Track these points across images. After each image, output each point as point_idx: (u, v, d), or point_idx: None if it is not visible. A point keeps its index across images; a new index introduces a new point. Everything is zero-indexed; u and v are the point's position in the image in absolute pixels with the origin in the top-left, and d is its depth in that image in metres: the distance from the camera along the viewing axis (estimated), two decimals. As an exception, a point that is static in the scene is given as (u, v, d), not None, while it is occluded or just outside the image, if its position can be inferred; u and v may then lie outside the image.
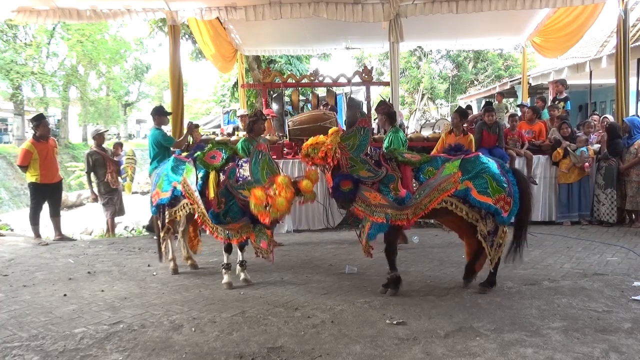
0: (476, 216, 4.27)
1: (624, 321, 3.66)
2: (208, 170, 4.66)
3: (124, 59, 32.50)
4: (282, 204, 4.11)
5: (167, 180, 5.03)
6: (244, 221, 4.49)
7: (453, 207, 4.25)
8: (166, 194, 5.01)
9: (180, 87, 8.07)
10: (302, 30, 10.02)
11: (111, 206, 8.30)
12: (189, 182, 4.71)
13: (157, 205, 5.22)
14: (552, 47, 10.19)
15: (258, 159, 4.40)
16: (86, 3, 7.44)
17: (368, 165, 4.31)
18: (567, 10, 8.83)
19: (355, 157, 4.31)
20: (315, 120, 7.71)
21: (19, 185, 21.37)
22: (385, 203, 4.19)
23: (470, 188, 4.19)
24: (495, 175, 4.24)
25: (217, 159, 4.73)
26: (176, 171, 4.98)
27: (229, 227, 4.53)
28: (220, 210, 4.51)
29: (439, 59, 31.81)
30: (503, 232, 4.27)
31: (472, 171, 4.25)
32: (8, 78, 24.36)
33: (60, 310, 4.12)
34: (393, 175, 4.29)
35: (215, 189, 4.55)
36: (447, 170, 4.28)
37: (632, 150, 7.42)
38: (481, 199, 4.16)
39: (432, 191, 4.21)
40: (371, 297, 4.32)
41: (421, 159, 4.47)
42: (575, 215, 7.67)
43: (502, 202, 4.18)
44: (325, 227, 7.70)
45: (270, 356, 3.19)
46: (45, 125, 7.56)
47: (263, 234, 4.49)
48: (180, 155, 5.39)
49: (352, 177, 4.26)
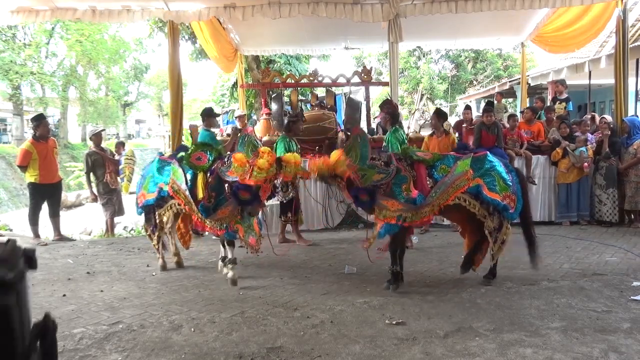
0: (484, 212, 4.43)
1: (623, 321, 3.66)
2: (196, 172, 4.76)
3: (123, 59, 32.52)
4: (263, 163, 4.31)
5: (153, 182, 5.11)
6: (230, 205, 4.57)
7: (466, 203, 4.41)
8: (152, 195, 5.09)
9: (180, 87, 8.07)
10: (301, 30, 10.01)
11: (110, 206, 8.30)
12: (178, 182, 4.79)
13: (142, 206, 5.28)
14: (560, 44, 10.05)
15: (244, 140, 4.68)
16: (85, 3, 7.43)
17: (377, 168, 4.39)
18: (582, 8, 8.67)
19: (363, 167, 4.37)
20: (315, 120, 7.71)
21: (18, 186, 21.36)
22: (403, 208, 4.27)
23: (481, 185, 4.37)
24: (502, 173, 4.43)
25: (203, 160, 4.83)
26: (161, 172, 5.05)
27: (217, 216, 4.60)
28: (210, 204, 4.63)
29: (438, 59, 31.84)
30: (507, 229, 4.48)
31: (481, 169, 4.42)
32: (7, 78, 24.36)
33: (59, 310, 4.12)
34: (405, 176, 4.36)
35: (204, 188, 4.67)
36: (459, 167, 4.44)
37: (630, 151, 7.43)
38: (491, 195, 4.35)
39: (448, 188, 4.36)
40: (370, 297, 4.32)
41: (434, 157, 4.61)
42: (574, 215, 7.67)
43: (508, 200, 4.39)
44: (325, 227, 7.69)
45: (270, 356, 3.19)
46: (46, 125, 7.56)
47: (252, 230, 4.59)
48: (164, 156, 5.45)
49: (366, 190, 4.34)
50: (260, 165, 4.31)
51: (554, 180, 7.82)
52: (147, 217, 5.41)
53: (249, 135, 4.85)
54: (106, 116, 32.25)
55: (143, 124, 53.37)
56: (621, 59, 7.82)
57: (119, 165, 8.47)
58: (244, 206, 4.57)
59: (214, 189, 4.67)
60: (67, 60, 28.64)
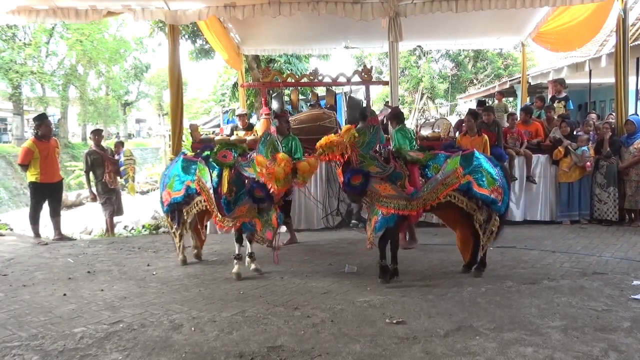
0: (473, 207, 4.69)
1: (624, 320, 3.66)
2: (222, 168, 4.93)
3: (124, 59, 32.51)
4: (279, 172, 4.49)
5: (179, 180, 5.31)
6: (247, 202, 4.82)
7: (456, 200, 4.64)
8: (179, 193, 5.30)
9: (180, 86, 8.07)
10: (301, 29, 10.01)
11: (109, 206, 8.30)
12: (204, 180, 4.99)
13: (169, 204, 5.47)
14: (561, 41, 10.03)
15: (266, 139, 4.83)
16: (85, 3, 7.43)
17: (377, 161, 4.56)
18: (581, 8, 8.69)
19: (365, 154, 4.52)
20: (315, 120, 7.70)
21: (18, 185, 21.37)
22: (394, 194, 4.46)
23: (471, 182, 4.59)
24: (488, 168, 4.69)
25: (229, 157, 5.03)
26: (187, 171, 5.25)
27: (235, 213, 4.84)
28: (231, 198, 4.82)
29: (438, 58, 31.83)
30: (495, 220, 4.71)
31: (470, 166, 4.64)
32: (7, 77, 24.36)
33: (59, 309, 4.12)
34: (400, 173, 4.57)
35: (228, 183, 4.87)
36: (449, 165, 4.64)
37: (631, 150, 7.42)
38: (481, 191, 4.60)
39: (438, 185, 4.56)
40: (371, 296, 4.32)
41: (426, 156, 4.77)
42: (576, 214, 7.67)
43: (496, 193, 4.63)
44: (325, 226, 7.69)
45: (270, 355, 3.19)
46: (48, 125, 7.57)
47: (269, 225, 4.86)
48: (187, 155, 5.65)
49: (362, 171, 4.49)
50: (277, 175, 4.49)
51: (555, 179, 7.82)
52: (172, 215, 5.62)
53: (271, 135, 4.97)
54: (106, 116, 32.25)
55: (143, 124, 53.37)
56: (621, 58, 7.82)
57: (119, 165, 8.47)
58: (259, 204, 4.82)
59: (234, 183, 4.87)
60: (67, 60, 28.65)
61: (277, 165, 4.52)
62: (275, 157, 4.61)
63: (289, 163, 4.58)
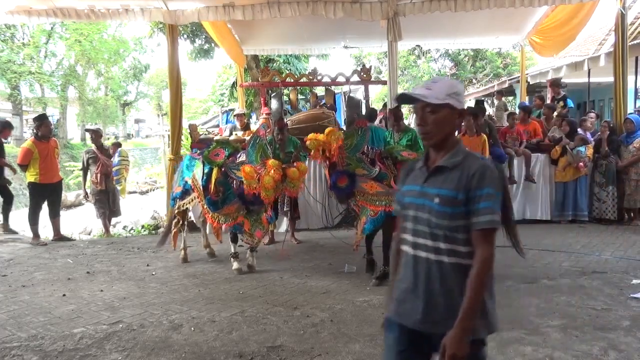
0: None
1: (623, 319, 3.67)
2: (212, 167, 5.00)
3: (123, 59, 32.45)
4: (268, 181, 4.53)
5: (181, 177, 5.53)
6: (236, 203, 4.91)
7: None
8: (179, 189, 5.52)
9: (179, 86, 8.05)
10: (300, 29, 10.00)
11: (101, 206, 8.25)
12: (197, 176, 5.13)
13: (173, 198, 5.74)
14: (549, 45, 10.17)
15: (255, 142, 4.87)
16: (84, 3, 7.42)
17: (363, 163, 4.58)
18: (564, 9, 8.82)
19: (352, 156, 4.56)
20: (314, 120, 7.69)
21: (18, 186, 21.27)
22: (382, 191, 4.48)
23: None
24: None
25: (221, 156, 5.09)
26: (189, 168, 5.44)
27: (224, 211, 4.92)
28: (217, 198, 4.89)
29: (437, 57, 31.80)
30: None
31: None
32: (6, 78, 24.29)
33: (59, 310, 4.12)
34: (386, 174, 4.58)
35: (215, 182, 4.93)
36: None
37: (630, 149, 7.43)
38: None
39: None
40: (370, 296, 4.33)
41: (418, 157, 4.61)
42: (569, 215, 7.64)
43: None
44: (325, 226, 7.68)
45: (270, 355, 3.20)
46: (48, 125, 7.58)
47: (259, 224, 4.96)
48: (195, 153, 5.80)
49: (347, 173, 4.53)
50: (266, 184, 4.53)
51: (554, 178, 7.82)
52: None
53: (261, 137, 5.01)
54: (105, 116, 32.21)
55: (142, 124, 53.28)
56: (620, 57, 7.81)
57: (112, 166, 8.38)
58: (249, 206, 4.88)
59: (221, 183, 4.92)
60: (66, 60, 28.59)
61: (267, 173, 4.55)
62: (265, 162, 4.65)
63: (278, 170, 4.62)
